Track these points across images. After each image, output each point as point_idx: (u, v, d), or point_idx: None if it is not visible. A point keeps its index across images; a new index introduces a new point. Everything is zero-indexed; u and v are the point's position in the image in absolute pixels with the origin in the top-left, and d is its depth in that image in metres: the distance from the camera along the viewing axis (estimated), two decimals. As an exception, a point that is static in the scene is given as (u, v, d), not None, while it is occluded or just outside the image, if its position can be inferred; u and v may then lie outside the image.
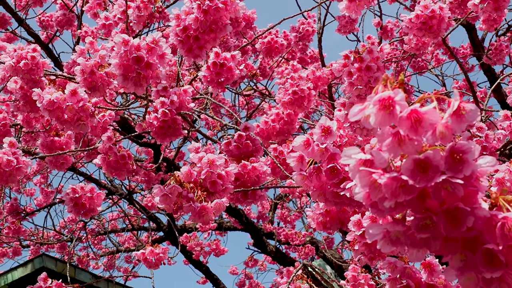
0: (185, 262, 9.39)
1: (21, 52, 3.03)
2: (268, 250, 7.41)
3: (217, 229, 8.24)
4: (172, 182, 2.35)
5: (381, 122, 0.97)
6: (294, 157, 1.64)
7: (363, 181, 1.01)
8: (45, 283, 3.53)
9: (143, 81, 2.45)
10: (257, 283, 10.09)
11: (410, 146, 0.98)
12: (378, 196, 1.00)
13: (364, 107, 1.00)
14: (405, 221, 1.04)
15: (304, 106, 3.49)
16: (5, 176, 2.77)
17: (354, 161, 1.03)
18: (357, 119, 1.01)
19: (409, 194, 0.97)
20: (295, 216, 8.52)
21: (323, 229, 2.49)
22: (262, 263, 9.66)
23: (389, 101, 0.97)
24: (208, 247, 7.32)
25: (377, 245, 1.06)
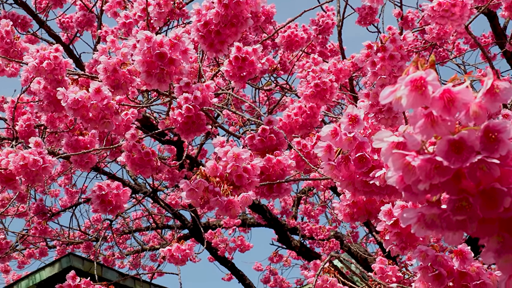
0: (210, 259, 9.42)
1: (44, 53, 3.05)
2: (292, 245, 7.40)
3: (241, 225, 8.25)
4: (198, 176, 2.35)
5: (413, 103, 0.96)
6: (322, 147, 1.63)
7: (396, 164, 1.00)
8: (73, 281, 3.55)
9: (167, 77, 2.46)
10: (282, 279, 10.08)
11: (443, 127, 0.96)
12: (412, 179, 0.99)
13: (395, 89, 0.99)
14: (440, 203, 1.03)
15: (327, 99, 3.47)
16: (32, 175, 2.79)
17: (386, 144, 1.02)
18: (388, 101, 1.00)
19: (444, 175, 0.96)
20: (319, 210, 8.49)
21: (350, 220, 2.48)
22: (287, 258, 9.65)
23: (421, 82, 0.96)
24: (233, 243, 7.33)
25: (411, 230, 1.05)
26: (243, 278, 7.10)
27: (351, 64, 4.63)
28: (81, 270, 6.07)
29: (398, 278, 3.52)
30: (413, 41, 5.63)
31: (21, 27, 5.31)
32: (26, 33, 5.54)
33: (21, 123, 3.84)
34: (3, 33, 3.37)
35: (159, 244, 9.51)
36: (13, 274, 9.74)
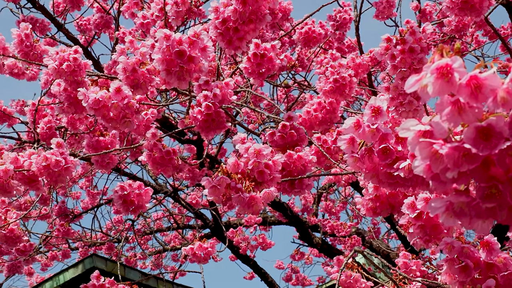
0: (231, 258, 9.43)
1: (63, 54, 3.07)
2: (314, 243, 7.38)
3: (262, 224, 8.24)
4: (219, 173, 2.35)
5: (439, 90, 0.95)
6: (345, 139, 1.62)
7: (423, 153, 0.99)
8: (98, 281, 3.56)
9: (186, 75, 2.46)
10: (303, 277, 10.07)
11: (470, 114, 0.95)
12: (440, 167, 0.98)
13: (421, 77, 0.98)
14: (469, 191, 1.02)
15: (346, 94, 3.46)
16: (54, 176, 2.80)
17: (413, 133, 1.01)
18: (413, 90, 0.99)
19: (473, 163, 0.95)
20: (339, 207, 8.47)
21: (373, 214, 2.47)
22: (308, 256, 9.64)
23: (447, 69, 0.94)
24: (254, 241, 7.32)
25: (439, 219, 1.04)
26: (265, 276, 7.10)
27: (369, 58, 4.61)
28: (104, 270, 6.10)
29: (422, 272, 3.50)
30: (431, 35, 5.59)
31: (40, 30, 5.35)
32: (45, 37, 5.58)
33: (42, 126, 3.87)
34: (23, 36, 3.40)
35: (181, 244, 9.54)
36: (37, 276, 9.82)
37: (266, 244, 7.33)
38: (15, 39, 3.42)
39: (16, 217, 3.58)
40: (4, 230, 3.50)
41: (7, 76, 3.69)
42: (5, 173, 2.69)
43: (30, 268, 8.78)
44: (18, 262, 5.31)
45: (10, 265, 5.33)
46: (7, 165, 2.72)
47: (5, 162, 2.76)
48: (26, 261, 5.45)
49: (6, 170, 2.69)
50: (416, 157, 1.01)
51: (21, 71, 3.63)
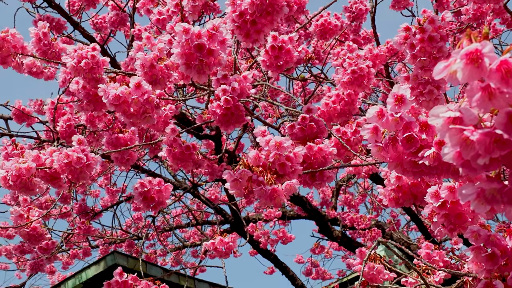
0: (251, 253, 9.43)
1: (81, 52, 3.08)
2: (334, 236, 7.36)
3: (281, 218, 8.23)
4: (241, 166, 2.34)
5: (469, 76, 0.94)
6: (368, 128, 1.61)
7: (453, 140, 0.97)
8: (121, 277, 3.58)
9: (206, 68, 2.46)
10: (323, 271, 10.06)
11: (501, 100, 0.94)
12: (471, 154, 0.96)
13: (449, 63, 0.97)
14: (501, 178, 1.01)
15: (364, 85, 3.44)
16: (76, 173, 2.82)
17: (442, 120, 1.00)
18: (442, 76, 0.98)
19: (504, 148, 0.93)
20: (359, 199, 8.44)
21: (395, 205, 2.45)
22: (328, 250, 9.62)
23: (477, 54, 0.93)
24: (274, 235, 7.32)
25: (471, 206, 1.03)
26: (286, 270, 7.09)
27: (386, 49, 4.59)
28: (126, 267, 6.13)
29: (445, 262, 3.48)
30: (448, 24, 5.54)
31: (56, 29, 5.37)
32: (61, 36, 5.60)
33: (62, 124, 3.89)
34: (41, 35, 3.41)
35: (200, 240, 9.57)
36: (58, 275, 9.89)
37: (287, 238, 7.32)
38: (33, 38, 3.43)
39: (38, 215, 3.61)
40: (27, 228, 3.52)
41: (26, 75, 3.71)
42: (27, 171, 2.71)
43: (52, 267, 8.83)
44: (41, 260, 5.35)
45: (32, 264, 5.37)
46: (29, 163, 2.74)
47: (27, 160, 2.78)
48: (48, 260, 5.49)
49: (28, 168, 2.71)
50: (446, 144, 0.99)
51: (39, 70, 3.64)
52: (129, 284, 3.61)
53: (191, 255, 9.82)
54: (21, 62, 3.46)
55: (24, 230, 3.53)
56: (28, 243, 3.75)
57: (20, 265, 8.13)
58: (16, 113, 5.52)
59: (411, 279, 3.27)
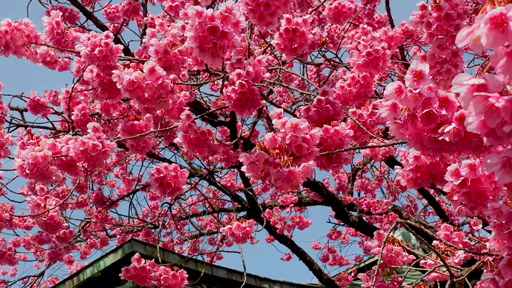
0: (267, 240, 9.44)
1: (95, 40, 3.07)
2: (351, 221, 7.34)
3: (297, 204, 8.21)
4: (257, 149, 2.33)
5: (493, 42, 0.91)
6: (387, 106, 1.58)
7: (478, 108, 0.95)
8: (139, 263, 3.59)
9: (220, 51, 2.44)
10: (340, 256, 10.04)
11: (527, 65, 0.91)
12: (496, 121, 0.94)
13: (473, 29, 0.94)
14: (526, 146, 0.98)
15: (380, 67, 3.41)
16: (92, 160, 2.81)
17: (466, 88, 0.97)
18: (465, 43, 0.96)
19: (531, 115, 0.91)
20: (375, 184, 8.41)
21: (414, 185, 2.43)
22: (344, 236, 9.60)
23: (502, 18, 0.90)
24: (291, 220, 7.31)
25: (495, 176, 1.00)
26: (303, 255, 7.08)
27: (401, 31, 4.55)
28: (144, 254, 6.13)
29: (464, 244, 3.45)
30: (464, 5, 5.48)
31: (69, 20, 5.37)
32: (74, 26, 5.60)
33: (77, 113, 3.89)
34: (54, 24, 3.40)
35: (216, 228, 9.58)
36: (76, 264, 9.95)
37: (303, 223, 7.30)
38: (46, 27, 3.43)
39: (55, 204, 3.61)
40: (44, 217, 3.53)
41: (40, 65, 3.71)
42: (43, 159, 2.71)
43: (70, 256, 8.89)
44: (59, 249, 5.39)
45: (51, 253, 5.41)
46: (45, 151, 2.73)
47: (43, 148, 2.78)
48: (66, 249, 5.52)
49: (44, 156, 2.71)
50: (470, 113, 0.97)
51: (53, 59, 3.64)
52: (147, 269, 3.62)
53: (208, 243, 9.85)
54: (35, 51, 3.46)
55: (42, 219, 3.54)
56: (46, 232, 3.76)
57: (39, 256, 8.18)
58: (31, 104, 5.53)
59: (430, 260, 3.25)
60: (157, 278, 3.63)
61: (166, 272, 3.65)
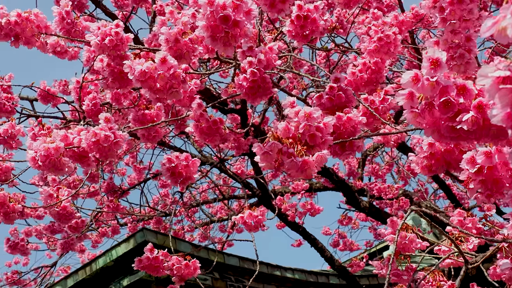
0: (278, 226, 9.44)
1: (105, 29, 3.05)
2: (362, 207, 7.32)
3: (307, 191, 8.19)
4: (270, 139, 2.31)
5: (519, 32, 0.89)
6: (403, 94, 1.56)
7: (503, 100, 0.93)
8: (151, 253, 3.59)
9: (232, 40, 2.42)
10: (351, 242, 10.04)
11: (553, 55, 0.89)
12: (522, 113, 0.92)
13: (498, 20, 0.92)
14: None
15: (391, 53, 3.38)
16: (104, 151, 2.81)
17: (491, 80, 0.95)
18: (489, 34, 0.94)
19: (558, 106, 0.89)
20: (386, 169, 8.38)
21: (428, 172, 2.41)
22: (354, 221, 9.59)
23: (527, 8, 0.88)
24: (302, 207, 7.30)
25: None
26: (315, 242, 7.07)
27: (412, 15, 4.51)
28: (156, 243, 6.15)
29: (478, 230, 3.43)
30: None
31: (78, 8, 5.34)
32: (83, 14, 5.58)
33: (88, 103, 3.88)
34: (64, 14, 3.39)
35: (227, 215, 9.59)
36: (88, 253, 9.99)
37: (315, 210, 7.30)
38: (56, 17, 3.41)
39: (67, 194, 3.62)
40: (57, 207, 3.54)
41: (50, 55, 3.70)
42: (56, 150, 2.70)
43: (82, 246, 8.93)
44: (71, 239, 5.40)
45: (63, 243, 5.42)
46: (58, 142, 2.73)
47: (55, 139, 2.77)
48: (78, 238, 5.54)
49: (57, 148, 2.70)
50: (495, 105, 0.95)
51: (63, 49, 3.63)
52: (160, 260, 3.63)
53: (218, 230, 9.87)
54: (45, 42, 3.45)
55: (54, 209, 3.55)
56: (59, 222, 3.77)
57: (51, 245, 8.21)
58: (41, 94, 5.52)
59: (444, 247, 3.23)
60: (170, 268, 3.64)
61: (179, 262, 3.66)
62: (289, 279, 7.72)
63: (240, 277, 7.09)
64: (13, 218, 3.56)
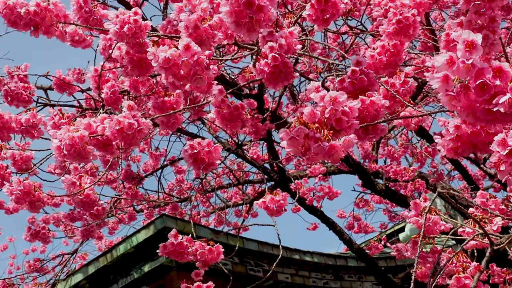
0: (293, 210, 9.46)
1: (124, 17, 3.05)
2: (378, 189, 7.32)
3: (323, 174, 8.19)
4: (296, 124, 2.31)
5: None
6: (438, 77, 1.56)
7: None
8: (176, 239, 3.61)
9: (256, 25, 2.41)
10: (365, 224, 10.07)
11: None
12: None
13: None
14: None
15: (410, 35, 3.36)
16: (128, 139, 2.82)
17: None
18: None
19: None
20: (401, 151, 8.37)
21: (454, 155, 2.41)
22: (369, 203, 9.61)
23: None
24: (319, 192, 7.32)
25: None
26: (333, 225, 7.08)
27: (429, -4, 4.47)
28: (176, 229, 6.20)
29: (501, 211, 3.42)
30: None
31: (91, -4, 5.33)
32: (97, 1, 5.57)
33: (106, 91, 3.89)
34: (81, 2, 3.39)
35: (242, 199, 9.61)
36: (105, 240, 10.05)
37: (333, 193, 7.31)
38: (74, 6, 3.42)
39: (90, 182, 3.64)
40: (80, 195, 3.56)
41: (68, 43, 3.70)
42: (80, 139, 2.71)
43: (99, 233, 9.00)
44: (91, 226, 5.44)
45: (83, 230, 5.46)
46: (82, 131, 2.74)
47: (78, 128, 2.78)
48: (98, 226, 5.57)
49: (81, 136, 2.71)
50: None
51: (81, 38, 3.63)
52: (184, 245, 3.64)
53: (234, 215, 9.90)
54: (64, 31, 3.46)
55: (78, 197, 3.57)
56: (82, 210, 3.80)
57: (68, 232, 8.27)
58: (57, 83, 5.53)
59: (468, 228, 3.23)
60: (194, 254, 3.65)
61: (202, 247, 3.67)
62: (307, 262, 7.74)
63: (259, 261, 7.12)
64: (39, 207, 3.58)
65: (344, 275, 8.14)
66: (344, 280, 8.08)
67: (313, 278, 7.77)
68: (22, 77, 4.67)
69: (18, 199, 3.48)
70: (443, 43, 3.40)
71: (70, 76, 6.24)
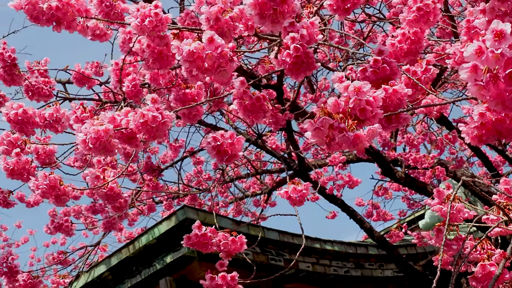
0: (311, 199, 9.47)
1: (144, 11, 3.06)
2: (397, 177, 7.31)
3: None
4: (321, 114, 2.32)
5: None
6: (467, 67, 1.56)
7: None
8: (200, 230, 3.64)
9: (280, 17, 2.42)
10: (384, 212, 10.06)
11: None
12: None
13: None
14: None
15: (431, 22, 3.35)
16: (152, 132, 2.84)
17: None
18: None
19: None
20: (421, 139, 8.34)
21: (479, 142, 2.41)
22: (388, 191, 9.59)
23: None
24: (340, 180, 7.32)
25: None
26: (354, 214, 7.09)
27: (449, -17, 4.45)
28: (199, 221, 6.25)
29: (524, 198, 3.41)
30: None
31: (110, -10, 5.34)
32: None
33: (127, 84, 3.91)
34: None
35: (260, 189, 9.64)
36: (124, 232, 10.13)
37: (353, 182, 7.31)
38: (94, 1, 3.43)
39: (113, 175, 3.67)
40: (104, 188, 3.59)
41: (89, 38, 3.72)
42: (105, 132, 2.74)
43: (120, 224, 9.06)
44: (113, 218, 5.48)
45: (105, 222, 5.50)
46: (107, 124, 2.77)
47: (103, 122, 2.81)
48: (119, 218, 5.61)
49: (106, 130, 2.74)
50: None
51: (102, 32, 3.65)
52: (208, 236, 3.67)
53: (252, 205, 9.94)
54: (86, 25, 3.48)
55: (102, 190, 3.60)
56: (107, 203, 3.83)
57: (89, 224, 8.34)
58: (76, 77, 5.57)
59: (492, 216, 3.23)
60: (217, 244, 3.68)
61: (226, 238, 3.70)
62: (328, 251, 7.76)
63: (280, 251, 7.15)
64: (65, 201, 3.63)
65: (365, 263, 8.16)
66: (365, 268, 8.11)
67: (334, 266, 7.80)
68: (42, 71, 4.70)
69: (44, 193, 3.53)
70: (464, 30, 3.39)
71: (89, 70, 6.27)
